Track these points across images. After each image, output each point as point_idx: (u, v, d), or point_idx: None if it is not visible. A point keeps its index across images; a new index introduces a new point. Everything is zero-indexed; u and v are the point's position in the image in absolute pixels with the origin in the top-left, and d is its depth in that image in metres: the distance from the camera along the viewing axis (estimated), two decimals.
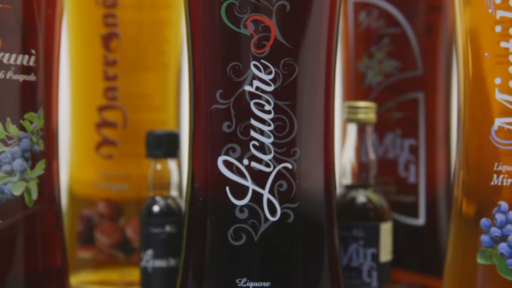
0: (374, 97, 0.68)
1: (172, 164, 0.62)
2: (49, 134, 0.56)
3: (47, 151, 0.55)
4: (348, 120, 0.61)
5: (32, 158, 0.54)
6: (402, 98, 0.68)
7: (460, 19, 0.54)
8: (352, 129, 0.62)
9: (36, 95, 0.54)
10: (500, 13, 0.50)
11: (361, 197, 0.61)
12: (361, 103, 0.61)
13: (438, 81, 0.68)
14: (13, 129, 0.52)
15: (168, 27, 0.70)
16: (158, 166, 0.61)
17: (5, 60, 0.52)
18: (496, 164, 0.51)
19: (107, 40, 0.67)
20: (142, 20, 0.69)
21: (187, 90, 0.53)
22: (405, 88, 0.67)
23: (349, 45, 0.70)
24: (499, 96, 0.51)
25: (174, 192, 0.62)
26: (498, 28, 0.51)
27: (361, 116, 0.61)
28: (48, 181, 0.56)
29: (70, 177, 0.71)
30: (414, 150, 0.68)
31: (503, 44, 0.50)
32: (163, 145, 0.61)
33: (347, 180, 0.62)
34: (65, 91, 0.69)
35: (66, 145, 0.71)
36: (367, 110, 0.61)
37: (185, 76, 0.71)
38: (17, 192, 0.53)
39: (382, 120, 0.66)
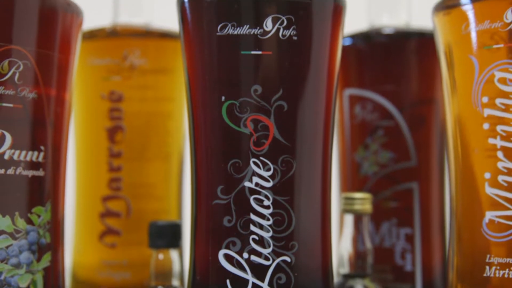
0: (370, 186, 0.70)
1: (174, 254, 0.63)
2: (56, 226, 0.58)
3: (53, 243, 0.57)
4: (345, 211, 0.63)
5: (38, 250, 0.55)
6: (397, 188, 0.70)
7: (450, 115, 0.57)
8: (349, 219, 0.63)
9: (43, 190, 0.56)
10: (487, 111, 0.53)
11: (358, 286, 0.63)
12: (357, 195, 0.63)
13: (431, 171, 0.70)
14: (21, 223, 0.54)
15: (171, 119, 0.73)
16: (160, 256, 0.63)
17: (15, 157, 0.54)
18: (488, 256, 0.53)
19: (112, 133, 0.70)
20: (146, 112, 0.72)
21: (189, 180, 0.55)
22: (400, 178, 0.70)
23: (345, 137, 0.73)
24: (489, 191, 0.53)
25: (175, 282, 0.63)
26: (486, 126, 0.53)
27: (357, 207, 0.63)
28: (54, 272, 0.57)
29: (74, 262, 0.73)
30: (410, 239, 0.69)
31: (491, 141, 0.53)
32: (165, 235, 0.63)
33: (345, 269, 0.63)
34: (71, 181, 0.71)
35: (70, 232, 0.73)
36: (363, 201, 0.63)
37: (187, 166, 0.74)
38: (24, 284, 0.54)
39: (378, 209, 0.68)
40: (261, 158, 0.51)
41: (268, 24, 0.51)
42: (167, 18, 0.70)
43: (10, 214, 0.54)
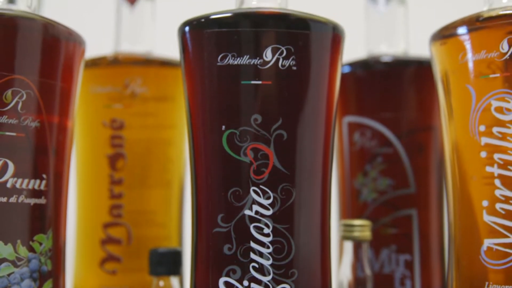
0: (369, 213, 0.71)
1: (174, 281, 0.63)
2: (57, 254, 0.58)
3: (54, 270, 0.57)
4: (344, 238, 0.64)
5: (40, 278, 0.56)
6: (396, 214, 0.70)
7: (448, 142, 0.58)
8: (348, 246, 0.64)
9: (45, 217, 0.57)
10: (484, 140, 0.54)
11: None
12: (357, 221, 0.64)
13: (430, 198, 0.71)
14: (23, 251, 0.55)
15: (171, 146, 0.74)
16: (161, 283, 0.63)
17: (17, 185, 0.54)
18: (486, 283, 0.53)
19: (114, 160, 0.71)
20: (147, 140, 0.72)
21: (190, 207, 0.56)
22: (399, 205, 0.70)
23: (345, 164, 0.73)
24: (487, 218, 0.53)
25: None
26: (483, 154, 0.54)
27: (356, 234, 0.63)
28: None
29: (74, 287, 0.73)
30: (409, 265, 0.70)
31: (488, 169, 0.53)
32: (166, 263, 0.63)
33: None
34: (72, 208, 0.72)
35: (71, 259, 0.73)
36: (362, 228, 0.63)
37: (187, 192, 0.74)
38: None
39: (378, 235, 0.69)
40: (261, 186, 0.51)
41: (268, 54, 0.51)
42: (168, 46, 0.71)
43: (12, 242, 0.54)
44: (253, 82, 0.51)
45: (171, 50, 0.66)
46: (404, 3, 0.76)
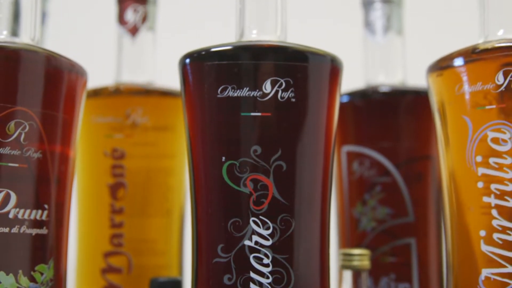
0: (368, 242, 0.71)
1: None
2: (58, 283, 0.58)
3: None
4: (343, 267, 0.64)
5: None
6: (395, 243, 0.71)
7: (445, 172, 0.58)
8: (348, 275, 0.64)
9: (47, 247, 0.57)
10: (481, 170, 0.54)
11: None
12: (356, 251, 0.64)
13: (429, 227, 0.71)
14: (24, 281, 0.55)
15: (172, 175, 0.74)
16: None
17: (19, 216, 0.55)
18: None
19: (114, 189, 0.71)
20: (148, 169, 0.73)
21: (190, 235, 0.56)
22: (398, 234, 0.71)
23: (344, 193, 0.74)
24: (484, 248, 0.54)
25: None
26: (480, 184, 0.54)
27: (355, 263, 0.64)
28: None
29: None
30: None
31: (485, 199, 0.54)
32: None
33: None
34: (73, 237, 0.72)
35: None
36: (361, 257, 0.64)
37: (188, 221, 0.75)
38: None
39: (377, 264, 0.69)
40: (260, 217, 0.52)
41: (267, 86, 0.52)
42: (169, 75, 0.72)
43: (14, 272, 0.54)
44: (252, 114, 0.52)
45: (172, 79, 0.67)
46: (401, 33, 0.77)
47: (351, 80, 0.71)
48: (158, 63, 0.78)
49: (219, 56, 0.54)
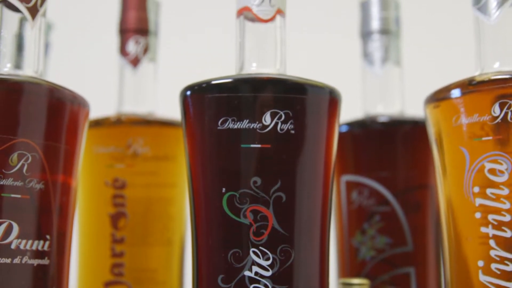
0: (367, 271, 0.71)
1: None
2: None
3: None
4: None
5: None
6: (394, 272, 0.71)
7: (443, 202, 0.59)
8: None
9: (48, 277, 0.57)
10: (478, 201, 0.55)
11: None
12: (355, 280, 0.65)
13: (428, 256, 0.72)
14: None
15: (172, 204, 0.75)
16: None
17: (21, 246, 0.55)
18: None
19: (115, 219, 0.72)
20: (149, 198, 0.74)
21: (190, 264, 0.57)
22: (397, 263, 0.71)
23: (343, 222, 0.74)
24: (482, 278, 0.54)
25: None
26: (477, 215, 0.55)
27: None
28: None
29: None
30: None
31: (483, 230, 0.54)
32: None
33: None
34: (74, 266, 0.73)
35: None
36: (361, 286, 0.64)
37: (188, 250, 0.75)
38: None
39: None
40: (260, 247, 0.52)
41: (267, 118, 0.53)
42: (170, 104, 0.72)
43: None
44: (252, 145, 0.53)
45: (173, 108, 0.68)
46: (399, 64, 0.78)
47: (350, 110, 0.72)
48: (159, 92, 0.79)
49: (219, 89, 0.55)
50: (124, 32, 0.77)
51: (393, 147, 0.74)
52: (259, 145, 0.53)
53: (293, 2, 0.63)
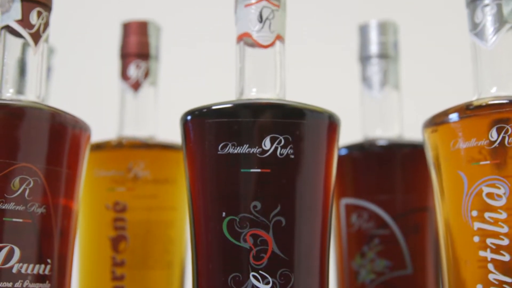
0: None
1: None
2: None
3: None
4: None
5: None
6: None
7: (442, 225, 0.59)
8: None
9: None
10: (477, 225, 0.55)
11: None
12: None
13: (427, 279, 0.72)
14: None
15: (173, 227, 0.75)
16: None
17: (23, 270, 0.56)
18: None
19: (116, 242, 0.72)
20: (149, 221, 0.74)
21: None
22: (397, 286, 0.71)
23: (342, 245, 0.75)
24: None
25: None
26: (476, 239, 0.55)
27: None
28: None
29: None
30: None
31: (481, 253, 0.55)
32: None
33: None
34: None
35: None
36: None
37: (188, 273, 0.75)
38: None
39: None
40: (260, 271, 0.53)
41: (267, 143, 0.54)
42: (171, 128, 0.73)
43: None
44: (252, 170, 0.54)
45: (174, 131, 0.68)
46: (398, 88, 0.78)
47: (349, 133, 0.72)
48: (159, 115, 0.80)
49: (219, 114, 0.55)
50: (126, 57, 0.78)
51: (392, 170, 0.74)
52: (259, 170, 0.54)
53: (292, 27, 0.64)
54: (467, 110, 0.57)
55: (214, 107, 0.56)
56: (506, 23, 0.58)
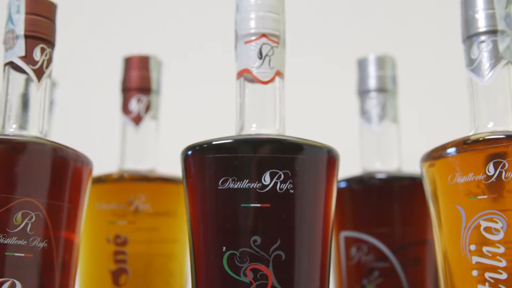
0: None
1: None
2: None
3: None
4: None
5: None
6: None
7: (440, 259, 0.60)
8: None
9: None
10: (475, 259, 0.56)
11: None
12: None
13: None
14: None
15: (173, 260, 0.75)
16: None
17: None
18: None
19: (117, 275, 0.72)
20: (150, 254, 0.74)
21: None
22: None
23: (342, 278, 0.75)
24: None
25: None
26: (474, 272, 0.56)
27: None
28: None
29: None
30: None
31: (480, 287, 0.55)
32: None
33: None
34: None
35: None
36: None
37: None
38: None
39: None
40: None
41: (266, 178, 0.54)
42: (171, 161, 0.74)
43: None
44: (252, 205, 0.54)
45: (174, 164, 0.69)
46: (396, 121, 0.79)
47: (348, 166, 0.73)
48: (160, 148, 0.81)
49: (220, 149, 0.56)
50: (127, 91, 0.79)
51: (391, 203, 0.75)
52: (258, 205, 0.54)
53: (291, 63, 0.65)
54: (464, 145, 0.58)
55: (214, 142, 0.57)
56: (502, 59, 0.59)
